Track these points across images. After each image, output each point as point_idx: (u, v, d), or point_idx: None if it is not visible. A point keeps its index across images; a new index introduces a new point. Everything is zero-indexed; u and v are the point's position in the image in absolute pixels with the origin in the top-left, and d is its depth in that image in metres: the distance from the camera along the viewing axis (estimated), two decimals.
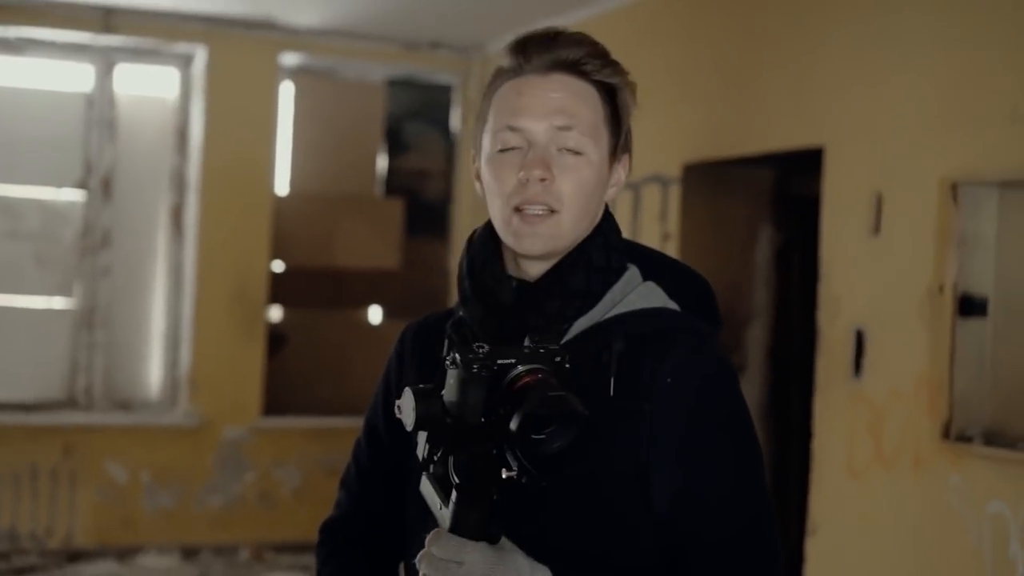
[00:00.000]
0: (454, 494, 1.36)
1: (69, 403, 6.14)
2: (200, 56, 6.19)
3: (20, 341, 6.11)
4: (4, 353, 6.08)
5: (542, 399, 1.30)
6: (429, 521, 1.44)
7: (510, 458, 1.33)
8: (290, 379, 6.47)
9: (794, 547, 4.27)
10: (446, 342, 1.59)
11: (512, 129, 1.52)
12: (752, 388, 4.86)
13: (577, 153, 1.52)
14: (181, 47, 6.19)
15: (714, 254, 4.84)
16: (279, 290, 6.47)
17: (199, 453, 6.18)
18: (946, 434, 3.59)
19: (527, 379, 1.34)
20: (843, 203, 4.06)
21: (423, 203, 6.85)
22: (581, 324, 1.52)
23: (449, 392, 1.36)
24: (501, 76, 1.56)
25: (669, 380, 1.48)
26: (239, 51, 6.18)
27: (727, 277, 4.85)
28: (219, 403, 6.19)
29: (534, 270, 1.54)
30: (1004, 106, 3.44)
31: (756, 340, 4.95)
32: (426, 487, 1.41)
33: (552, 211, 1.51)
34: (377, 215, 6.61)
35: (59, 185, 6.15)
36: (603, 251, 1.55)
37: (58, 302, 6.17)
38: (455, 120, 6.77)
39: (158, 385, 6.31)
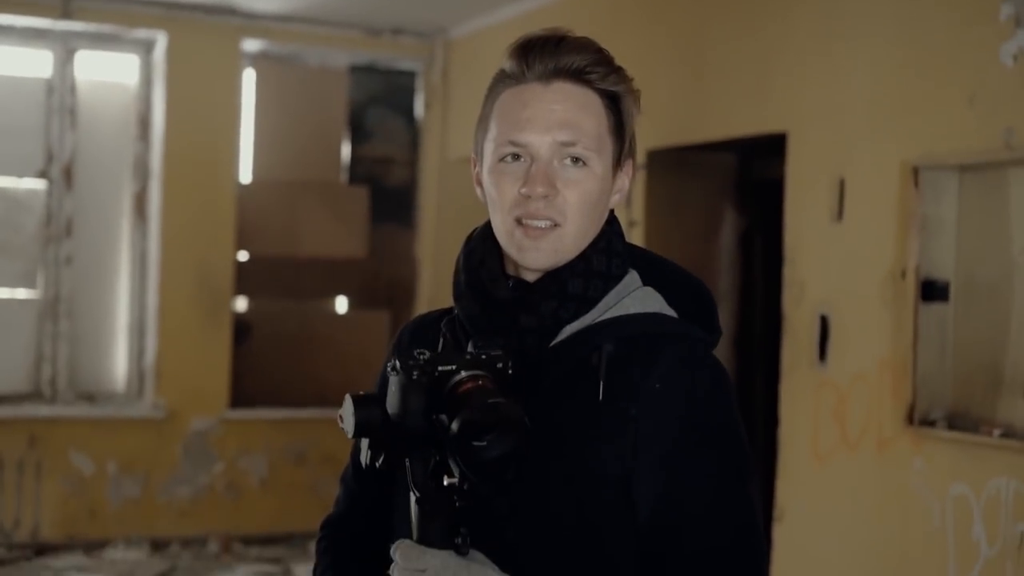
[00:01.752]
0: (414, 504, 1.36)
1: (34, 395, 6.09)
2: (161, 42, 6.13)
3: None
4: None
5: (481, 405, 1.29)
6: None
7: (452, 464, 1.32)
8: (256, 369, 6.43)
9: None
10: (441, 340, 1.57)
11: (515, 143, 1.49)
12: None
13: (582, 165, 1.49)
14: (141, 33, 6.12)
15: (679, 239, 4.84)
16: (244, 279, 6.43)
17: (166, 444, 6.14)
18: (910, 418, 3.60)
19: (468, 385, 1.33)
20: (806, 188, 4.07)
21: (388, 190, 6.81)
22: (573, 327, 1.50)
23: (391, 399, 1.36)
24: (502, 81, 1.53)
25: (658, 386, 1.45)
26: (200, 37, 6.12)
27: (692, 262, 4.78)
28: (185, 394, 6.15)
29: (532, 272, 1.53)
30: (963, 91, 3.45)
31: (722, 325, 4.95)
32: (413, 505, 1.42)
33: (556, 224, 1.49)
34: (342, 203, 6.57)
35: (20, 174, 6.08)
36: (604, 256, 1.53)
37: (21, 292, 6.11)
38: (419, 106, 6.72)
39: (124, 376, 6.26)
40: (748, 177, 5.03)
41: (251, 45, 6.32)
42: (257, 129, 6.48)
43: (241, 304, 6.53)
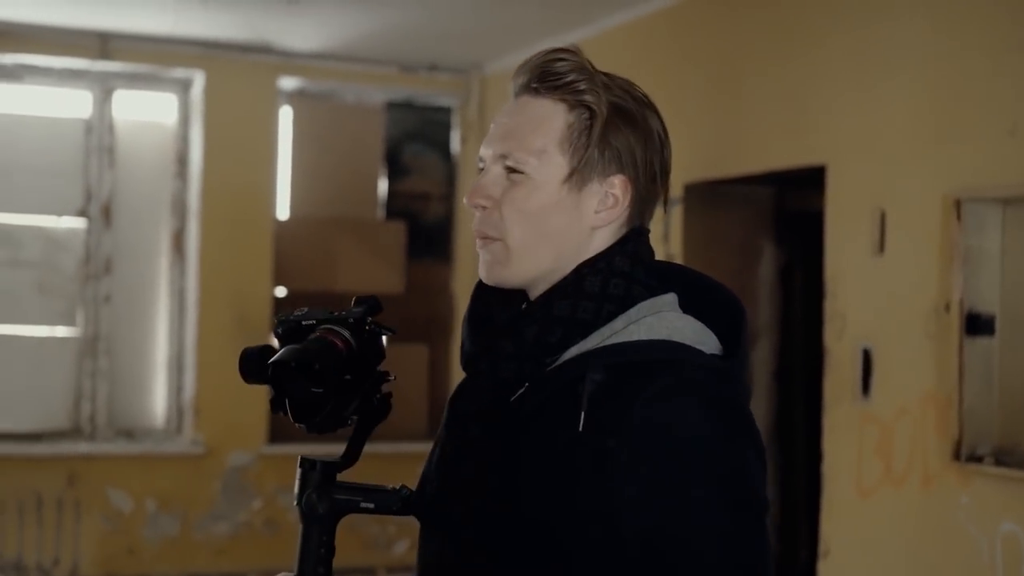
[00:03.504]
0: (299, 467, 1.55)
1: (73, 432, 6.11)
2: (198, 81, 6.18)
3: (23, 370, 6.08)
4: (7, 383, 6.05)
5: (289, 349, 1.42)
6: (429, 542, 1.50)
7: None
8: None
9: (805, 570, 4.22)
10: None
11: (480, 158, 1.54)
12: (758, 409, 4.81)
13: (518, 174, 1.48)
14: (179, 72, 6.17)
15: (717, 273, 4.75)
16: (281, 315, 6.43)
17: (204, 480, 6.15)
18: (956, 454, 3.54)
19: (314, 335, 1.47)
20: (846, 221, 4.03)
21: (424, 226, 6.82)
22: (571, 353, 1.43)
23: None
24: None
25: (638, 415, 1.35)
26: (237, 76, 6.17)
27: None
28: (224, 430, 6.15)
29: (532, 296, 1.50)
30: (1004, 121, 3.41)
31: (762, 360, 4.91)
32: None
33: (494, 239, 1.48)
34: (378, 239, 6.58)
35: (59, 213, 6.13)
36: (601, 276, 1.44)
37: (60, 330, 6.15)
38: (455, 142, 6.74)
39: (162, 412, 6.28)
40: (786, 209, 5.00)
41: (288, 83, 6.35)
42: (294, 166, 6.51)
43: None
